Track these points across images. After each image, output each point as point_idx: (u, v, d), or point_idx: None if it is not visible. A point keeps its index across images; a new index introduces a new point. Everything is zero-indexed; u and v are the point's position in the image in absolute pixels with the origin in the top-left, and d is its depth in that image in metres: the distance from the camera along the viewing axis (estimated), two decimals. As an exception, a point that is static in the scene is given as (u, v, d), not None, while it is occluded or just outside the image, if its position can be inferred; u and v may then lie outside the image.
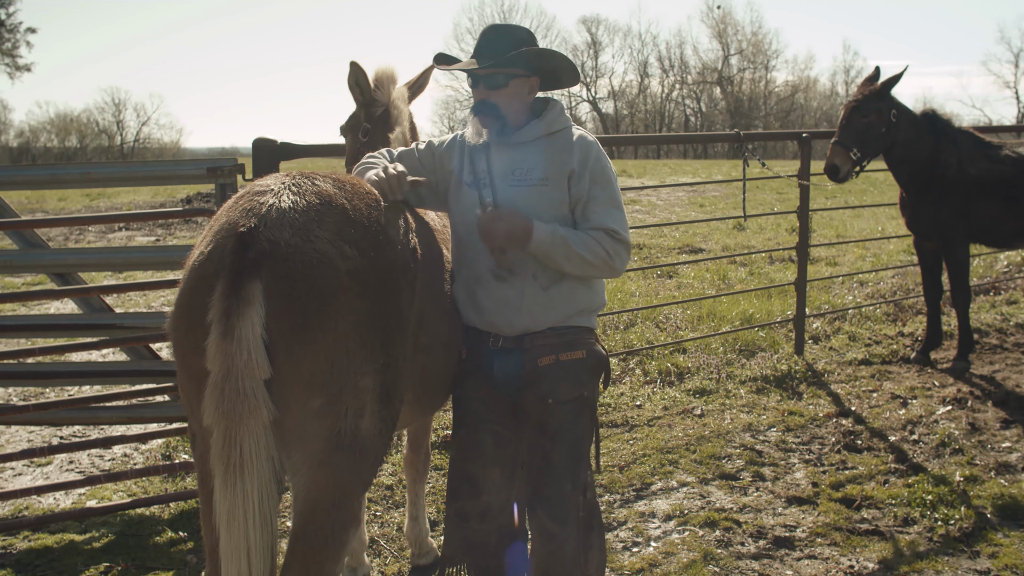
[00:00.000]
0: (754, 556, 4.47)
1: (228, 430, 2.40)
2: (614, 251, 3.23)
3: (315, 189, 2.72)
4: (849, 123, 7.07)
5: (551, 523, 3.25)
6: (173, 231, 17.48)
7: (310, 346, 2.51)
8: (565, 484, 3.27)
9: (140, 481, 5.48)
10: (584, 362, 3.34)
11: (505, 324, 3.33)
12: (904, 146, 7.12)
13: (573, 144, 3.32)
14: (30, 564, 4.55)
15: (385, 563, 4.49)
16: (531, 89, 3.37)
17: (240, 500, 2.42)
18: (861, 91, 7.14)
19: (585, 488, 3.33)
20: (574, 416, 3.32)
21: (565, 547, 3.25)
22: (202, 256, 2.57)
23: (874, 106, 7.01)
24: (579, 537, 3.28)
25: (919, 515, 4.85)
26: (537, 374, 3.31)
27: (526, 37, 3.34)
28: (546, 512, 3.27)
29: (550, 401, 3.29)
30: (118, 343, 5.00)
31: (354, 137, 4.01)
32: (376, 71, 4.01)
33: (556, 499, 3.26)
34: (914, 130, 7.14)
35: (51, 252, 5.38)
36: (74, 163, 4.50)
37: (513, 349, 3.35)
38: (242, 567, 2.46)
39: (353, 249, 2.65)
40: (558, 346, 3.32)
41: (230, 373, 2.39)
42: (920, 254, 7.69)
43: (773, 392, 6.94)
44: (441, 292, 3.30)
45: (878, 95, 7.03)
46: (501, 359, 3.36)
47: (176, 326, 2.63)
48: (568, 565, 3.25)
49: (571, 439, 3.30)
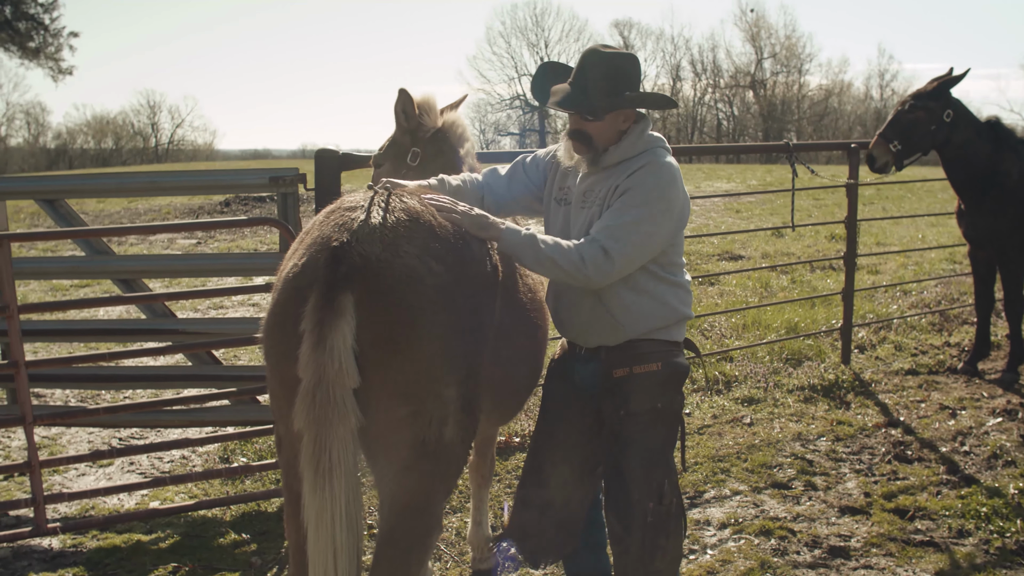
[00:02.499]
0: (810, 565, 4.51)
1: (319, 436, 2.51)
2: (591, 260, 3.10)
3: (403, 206, 2.83)
4: (895, 117, 7.08)
5: (618, 527, 3.41)
6: (214, 235, 17.68)
7: (398, 357, 2.61)
8: (632, 492, 3.37)
9: (200, 484, 5.60)
10: (657, 374, 3.39)
11: (582, 339, 3.48)
12: (958, 147, 7.06)
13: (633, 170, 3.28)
14: (100, 563, 4.68)
15: (446, 567, 4.58)
16: (625, 119, 3.36)
17: (328, 503, 2.53)
18: (921, 89, 7.12)
19: (660, 496, 3.39)
20: (645, 427, 3.39)
21: (630, 551, 3.38)
22: (296, 268, 2.68)
23: (922, 103, 6.98)
24: (644, 540, 3.37)
25: (974, 527, 4.86)
26: (612, 384, 3.42)
27: (630, 71, 3.31)
28: (615, 516, 3.42)
29: (622, 412, 3.39)
30: (184, 348, 5.13)
31: (396, 164, 4.07)
32: (421, 97, 4.08)
33: (623, 505, 3.39)
34: (972, 133, 7.07)
35: (117, 259, 5.53)
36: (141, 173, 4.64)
37: (591, 359, 3.47)
38: (328, 566, 2.57)
39: (440, 265, 2.74)
40: (632, 359, 3.39)
41: (321, 381, 2.50)
42: (974, 263, 7.65)
43: (821, 401, 6.96)
44: (520, 307, 3.39)
45: (931, 94, 6.99)
46: (582, 366, 3.51)
47: (269, 334, 2.74)
48: (634, 566, 3.39)
49: (641, 449, 3.38)
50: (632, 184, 3.22)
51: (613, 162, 3.34)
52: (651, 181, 3.22)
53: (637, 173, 3.25)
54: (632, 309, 3.34)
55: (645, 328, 3.38)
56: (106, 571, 4.61)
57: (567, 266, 3.10)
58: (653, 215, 3.19)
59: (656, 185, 3.22)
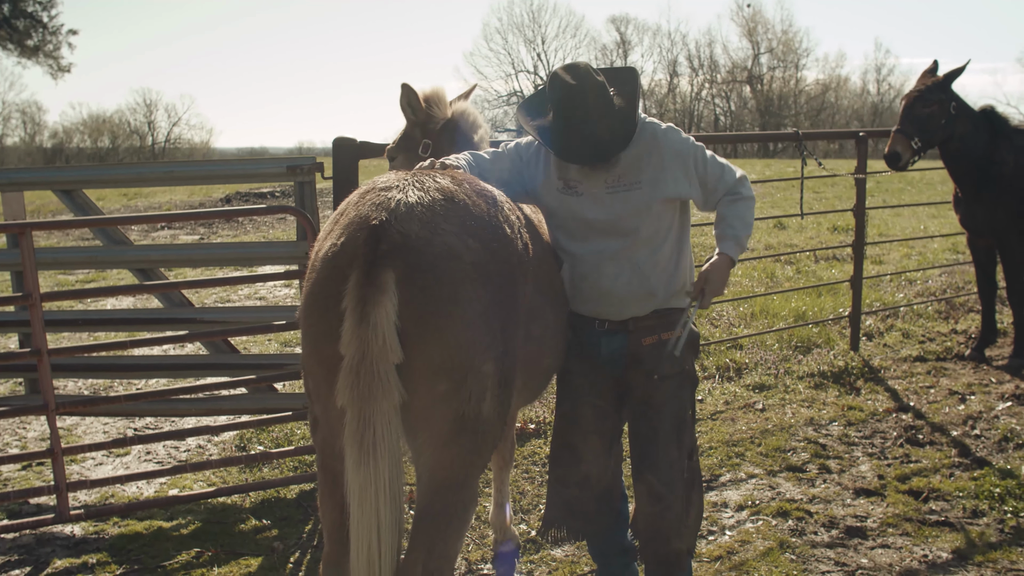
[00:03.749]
0: (828, 545, 4.56)
1: (362, 412, 2.54)
2: (750, 190, 3.62)
3: (437, 185, 2.86)
4: (911, 112, 7.05)
5: (660, 486, 3.51)
6: (216, 229, 17.70)
7: (438, 333, 2.65)
8: (672, 451, 3.52)
9: (218, 471, 5.64)
10: (681, 339, 3.54)
11: (613, 313, 3.56)
12: (961, 140, 7.10)
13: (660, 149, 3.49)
14: (123, 548, 4.73)
15: (468, 550, 4.62)
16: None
17: (372, 478, 2.56)
18: (923, 82, 7.13)
19: (691, 452, 3.61)
20: (676, 389, 3.57)
21: (673, 507, 3.51)
22: (335, 247, 2.71)
23: (936, 96, 7.00)
24: (683, 496, 3.53)
25: (988, 507, 4.91)
26: (641, 353, 3.56)
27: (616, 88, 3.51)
28: (656, 477, 3.52)
29: (656, 377, 3.54)
30: (202, 336, 5.16)
31: (409, 156, 4.11)
32: (429, 90, 4.13)
33: (664, 465, 3.51)
34: (971, 125, 7.12)
35: (134, 248, 5.57)
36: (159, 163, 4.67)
37: (618, 331, 3.58)
38: (372, 541, 2.60)
39: (476, 242, 2.78)
40: (659, 326, 3.56)
41: (365, 357, 2.53)
42: (974, 252, 7.72)
43: (831, 388, 7.01)
44: (548, 284, 3.43)
45: (940, 86, 7.02)
46: (608, 339, 3.60)
47: (309, 313, 2.77)
48: (675, 523, 3.51)
49: (675, 409, 3.55)
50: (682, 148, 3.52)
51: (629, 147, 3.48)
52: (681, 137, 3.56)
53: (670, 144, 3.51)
54: (663, 275, 3.54)
55: (671, 293, 3.58)
56: (129, 556, 4.65)
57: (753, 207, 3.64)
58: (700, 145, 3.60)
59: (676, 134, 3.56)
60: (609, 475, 3.72)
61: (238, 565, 4.53)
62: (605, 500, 3.73)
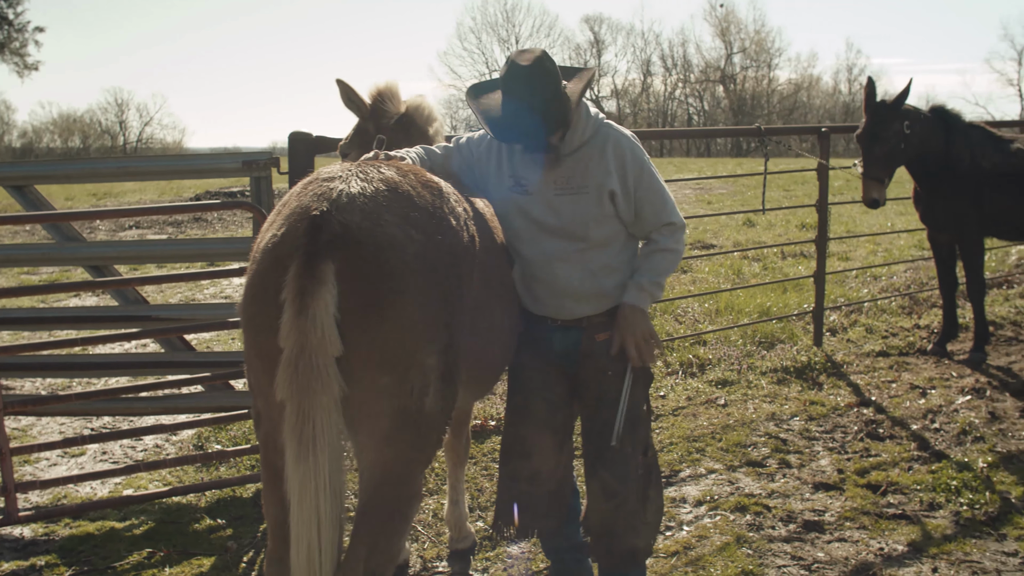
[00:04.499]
0: (785, 539, 4.56)
1: (301, 405, 2.50)
2: (677, 242, 3.51)
3: (381, 176, 2.82)
4: (872, 155, 6.97)
5: (614, 482, 3.48)
6: (184, 229, 17.54)
7: (379, 325, 2.60)
8: (625, 446, 3.48)
9: (175, 471, 5.56)
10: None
11: (566, 313, 3.54)
12: (918, 147, 7.06)
13: (606, 155, 3.42)
14: (73, 550, 4.64)
15: (423, 548, 4.58)
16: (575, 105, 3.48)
17: (312, 473, 2.51)
18: (873, 114, 6.98)
19: (646, 448, 3.58)
20: (630, 384, 3.51)
21: (627, 502, 3.48)
22: (275, 238, 2.66)
23: (890, 131, 6.93)
24: (638, 492, 3.51)
25: (944, 500, 4.93)
26: (595, 349, 3.52)
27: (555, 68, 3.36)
28: (609, 472, 3.49)
29: (609, 373, 3.50)
30: (154, 334, 5.08)
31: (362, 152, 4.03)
32: (382, 85, 4.07)
33: (618, 460, 3.48)
34: (927, 128, 7.09)
35: (88, 245, 5.48)
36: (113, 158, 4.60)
37: (572, 327, 3.54)
38: (312, 537, 2.55)
39: (420, 233, 2.74)
40: (612, 323, 3.50)
41: (304, 350, 2.48)
42: (934, 247, 7.74)
43: (794, 383, 7.03)
44: (497, 277, 3.39)
45: (890, 116, 6.95)
46: (562, 335, 3.56)
47: (249, 305, 2.72)
48: (629, 518, 3.49)
49: (629, 405, 3.49)
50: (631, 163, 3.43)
51: (575, 146, 3.43)
52: (637, 152, 3.47)
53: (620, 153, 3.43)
54: (617, 275, 3.52)
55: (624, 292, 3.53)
56: (79, 558, 4.57)
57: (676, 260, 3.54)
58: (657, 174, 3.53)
59: (640, 151, 3.49)
60: (560, 471, 3.68)
61: (190, 565, 4.46)
62: (556, 496, 3.69)
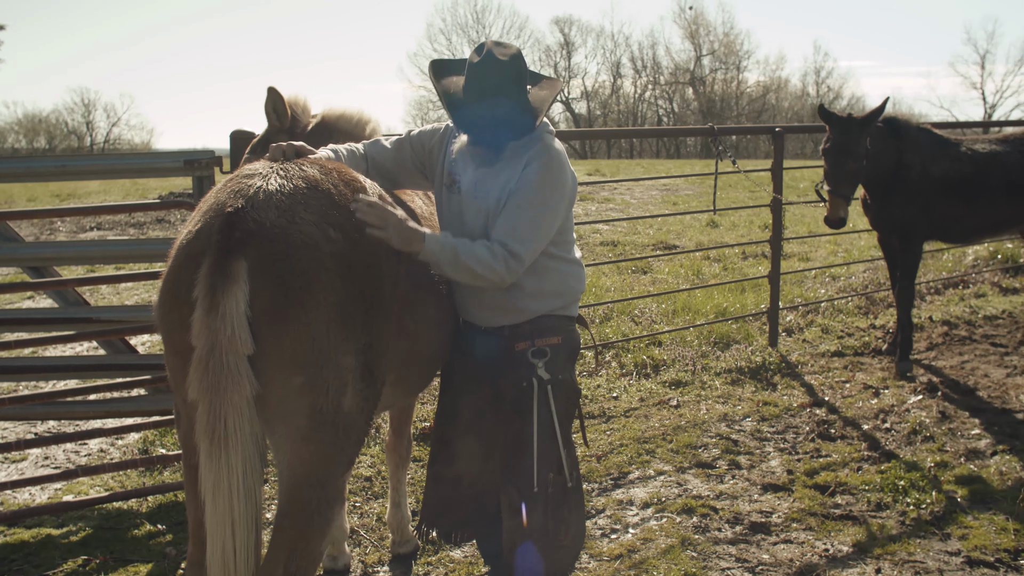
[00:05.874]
0: (731, 541, 4.53)
1: (212, 404, 2.46)
2: (503, 264, 3.15)
3: (302, 174, 2.79)
4: (843, 170, 6.75)
5: (517, 497, 3.37)
6: (146, 231, 17.32)
7: (292, 324, 2.56)
8: (534, 462, 3.36)
9: (117, 475, 5.46)
10: (559, 347, 3.44)
11: (484, 320, 3.47)
12: (874, 159, 6.92)
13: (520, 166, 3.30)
14: (5, 559, 4.53)
15: (365, 552, 4.51)
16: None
17: (225, 472, 2.47)
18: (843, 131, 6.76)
19: (560, 467, 3.41)
20: (544, 397, 3.40)
21: (531, 522, 3.35)
22: (190, 235, 2.64)
23: (862, 148, 6.75)
24: (547, 512, 3.37)
25: (891, 500, 4.93)
26: (513, 357, 3.42)
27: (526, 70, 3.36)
28: (515, 487, 3.38)
29: (524, 384, 3.39)
30: (93, 335, 4.97)
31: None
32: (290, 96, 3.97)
33: (526, 475, 3.36)
34: (881, 140, 6.99)
35: (26, 246, 5.35)
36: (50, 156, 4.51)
37: (492, 334, 3.46)
38: (227, 538, 2.51)
39: (338, 232, 2.70)
40: (534, 332, 3.43)
41: (214, 348, 2.45)
42: (886, 250, 7.69)
43: (748, 383, 7.02)
44: (428, 277, 3.33)
45: (862, 134, 6.75)
46: (482, 341, 3.48)
47: (163, 302, 2.68)
48: (534, 537, 3.34)
49: (544, 419, 3.38)
50: (527, 181, 3.24)
51: (509, 154, 3.35)
52: (545, 177, 3.26)
53: (530, 167, 3.27)
54: (535, 293, 3.40)
55: (547, 309, 3.44)
56: (11, 567, 4.45)
57: (483, 271, 3.13)
58: (549, 206, 3.26)
59: (549, 180, 3.26)
60: (486, 477, 3.59)
61: (126, 572, 4.36)
62: (484, 504, 3.61)
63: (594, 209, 18.94)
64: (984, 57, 65.71)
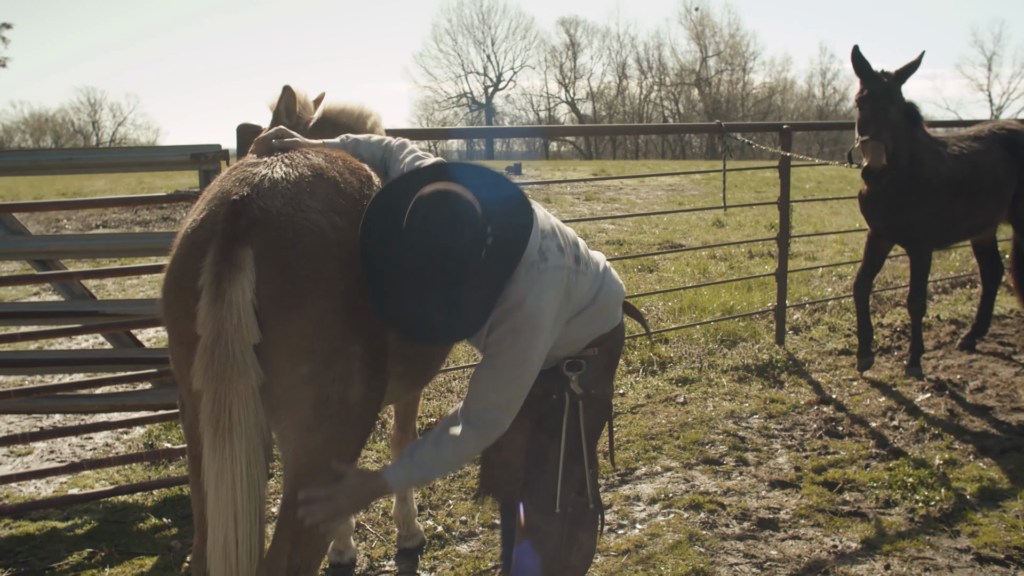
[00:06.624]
0: (739, 537, 4.50)
1: (217, 393, 2.43)
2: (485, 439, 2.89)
3: (307, 162, 2.77)
4: (885, 116, 6.22)
5: (535, 515, 3.20)
6: (151, 228, 17.37)
7: (299, 312, 2.53)
8: (555, 479, 3.19)
9: (122, 469, 5.45)
10: (595, 359, 3.24)
11: None
12: (895, 148, 6.38)
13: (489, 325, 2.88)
14: (11, 551, 4.52)
15: (371, 546, 4.49)
16: None
17: (228, 463, 2.44)
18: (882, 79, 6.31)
19: (582, 486, 3.24)
20: (575, 413, 3.21)
21: (547, 541, 3.17)
22: (195, 223, 2.61)
23: (901, 100, 6.26)
24: (563, 532, 3.20)
25: (900, 497, 4.89)
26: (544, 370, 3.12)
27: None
28: (532, 504, 3.22)
29: (554, 397, 3.21)
30: (99, 328, 4.96)
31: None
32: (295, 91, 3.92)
33: (545, 493, 3.20)
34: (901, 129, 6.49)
35: (33, 239, 5.33)
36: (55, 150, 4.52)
37: None
38: (229, 529, 2.47)
39: (344, 220, 2.67)
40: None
41: (220, 337, 2.41)
42: (872, 252, 7.10)
43: (755, 381, 6.98)
44: None
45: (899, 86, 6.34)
46: None
47: (168, 291, 2.65)
48: (548, 559, 3.18)
49: (569, 435, 3.21)
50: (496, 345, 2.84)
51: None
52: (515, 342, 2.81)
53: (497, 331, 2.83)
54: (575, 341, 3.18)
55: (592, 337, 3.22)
56: (16, 559, 4.44)
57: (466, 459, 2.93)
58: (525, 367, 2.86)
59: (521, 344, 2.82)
60: None
61: (131, 565, 4.35)
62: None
63: (600, 208, 18.93)
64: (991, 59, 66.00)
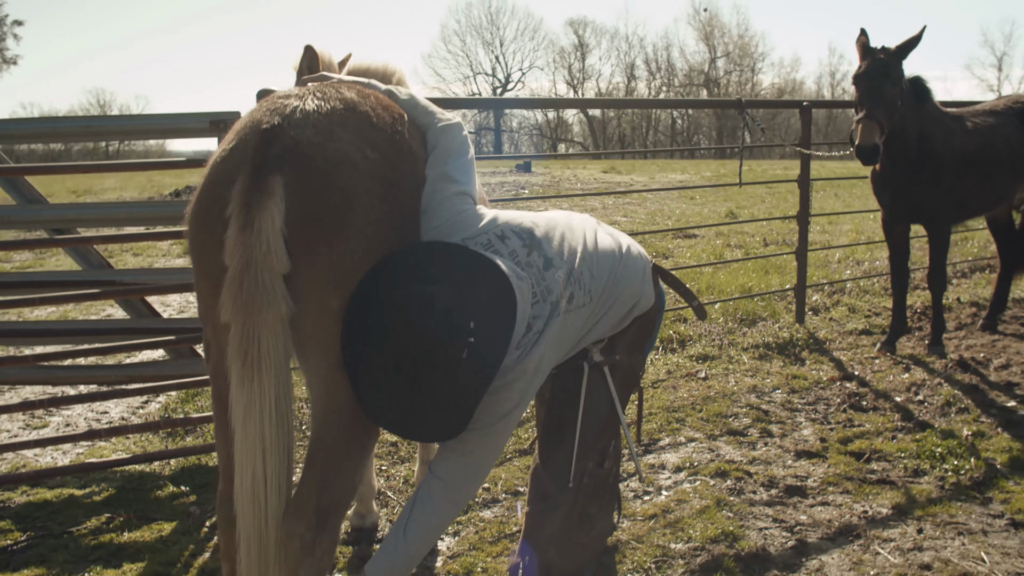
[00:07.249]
0: (767, 503, 4.42)
1: (246, 325, 2.35)
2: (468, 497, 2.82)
3: (339, 96, 2.71)
4: (880, 93, 6.13)
5: (548, 484, 3.14)
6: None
7: (329, 242, 2.46)
8: (573, 449, 3.14)
9: (139, 440, 5.40)
10: (626, 331, 3.19)
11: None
12: (900, 125, 6.33)
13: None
14: (29, 516, 4.47)
15: (393, 512, 4.42)
16: None
17: (257, 396, 2.37)
18: (878, 55, 6.25)
19: (602, 458, 3.18)
20: (600, 382, 3.16)
21: (557, 511, 3.11)
22: (224, 152, 2.54)
23: (899, 74, 6.16)
24: (574, 505, 3.12)
25: (929, 467, 4.81)
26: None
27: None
28: (548, 471, 3.15)
29: (580, 362, 3.14)
30: (116, 294, 4.91)
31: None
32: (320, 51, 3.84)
33: (561, 462, 3.14)
34: (907, 106, 6.40)
35: (50, 207, 5.30)
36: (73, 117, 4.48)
37: None
38: (257, 466, 2.40)
39: (376, 153, 2.61)
40: None
41: (249, 265, 2.34)
42: (890, 237, 7.00)
43: (776, 358, 6.91)
44: None
45: (899, 61, 6.24)
46: None
47: (194, 222, 2.57)
48: (555, 529, 3.10)
49: (592, 406, 3.16)
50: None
51: None
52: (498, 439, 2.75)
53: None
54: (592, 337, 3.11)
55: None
56: (35, 523, 4.39)
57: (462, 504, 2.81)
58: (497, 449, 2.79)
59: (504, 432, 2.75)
60: None
61: (150, 530, 4.29)
62: None
63: (612, 203, 18.89)
64: (1001, 59, 65.61)
